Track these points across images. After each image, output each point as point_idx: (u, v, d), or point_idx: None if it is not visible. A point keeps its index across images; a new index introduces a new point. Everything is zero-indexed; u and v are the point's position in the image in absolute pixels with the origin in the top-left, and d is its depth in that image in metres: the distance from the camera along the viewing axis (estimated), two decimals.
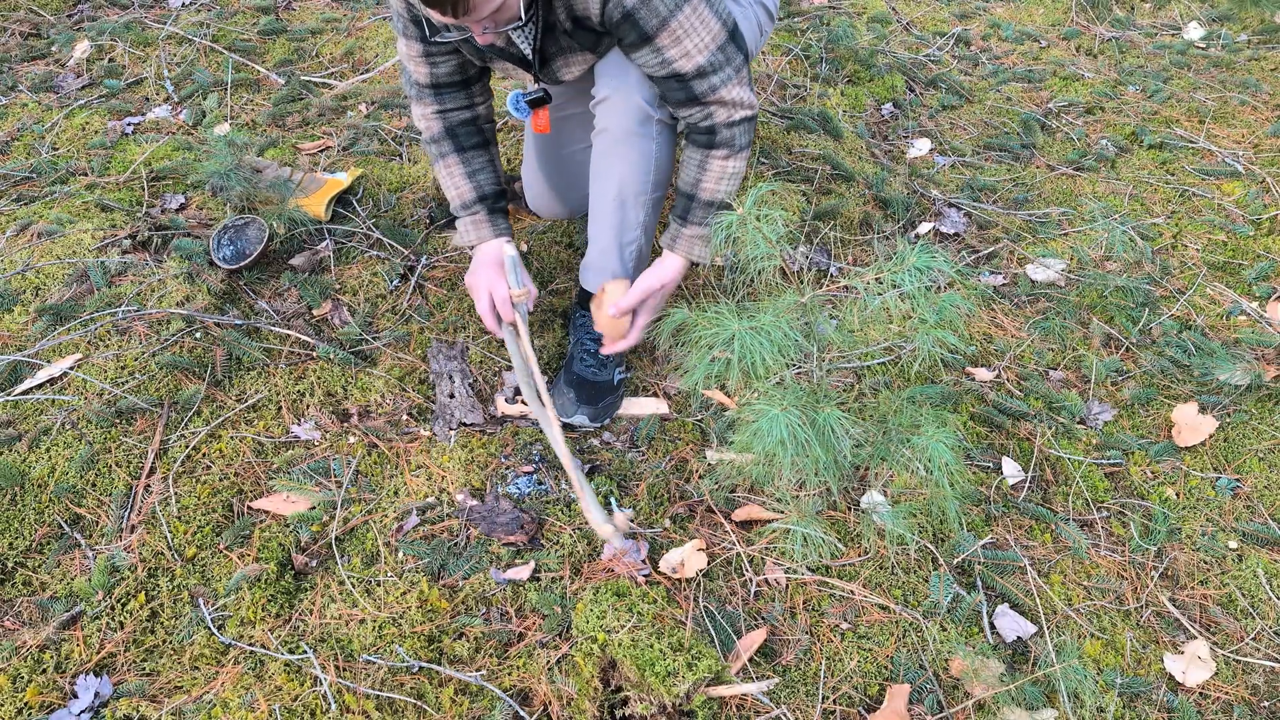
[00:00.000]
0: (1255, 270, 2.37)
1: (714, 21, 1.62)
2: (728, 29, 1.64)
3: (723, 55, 1.64)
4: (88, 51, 2.96)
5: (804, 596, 1.66)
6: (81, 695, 1.49)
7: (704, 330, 1.38)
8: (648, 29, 1.59)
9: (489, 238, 1.89)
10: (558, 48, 1.74)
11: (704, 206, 1.78)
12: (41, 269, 2.06)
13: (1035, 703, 1.52)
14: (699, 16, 1.60)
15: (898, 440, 1.56)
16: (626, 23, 1.59)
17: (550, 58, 1.77)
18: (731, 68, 1.66)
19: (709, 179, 1.75)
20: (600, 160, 1.83)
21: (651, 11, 1.57)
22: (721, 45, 1.63)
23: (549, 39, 1.72)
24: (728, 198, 1.77)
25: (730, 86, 1.66)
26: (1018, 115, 3.00)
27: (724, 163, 1.74)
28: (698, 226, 1.80)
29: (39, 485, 1.72)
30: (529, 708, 1.48)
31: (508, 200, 1.97)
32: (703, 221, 1.79)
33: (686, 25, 1.59)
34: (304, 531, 1.71)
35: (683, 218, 1.80)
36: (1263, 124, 2.90)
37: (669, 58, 1.62)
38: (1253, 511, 1.85)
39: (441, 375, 1.98)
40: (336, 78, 2.95)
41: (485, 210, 1.90)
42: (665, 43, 1.61)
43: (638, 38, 1.61)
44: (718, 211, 1.77)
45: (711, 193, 1.76)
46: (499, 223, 1.91)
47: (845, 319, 2.00)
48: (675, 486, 1.84)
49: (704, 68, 1.63)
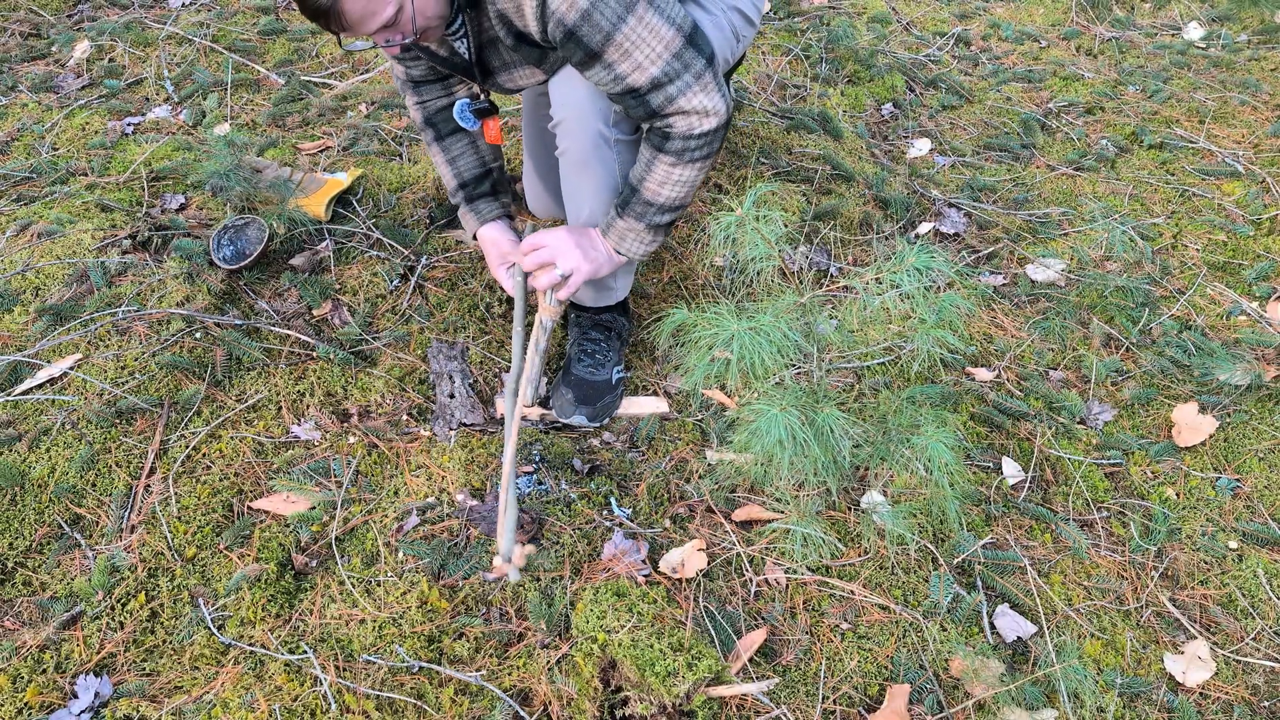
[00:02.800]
0: (1255, 270, 2.37)
1: (664, 28, 1.51)
2: (683, 34, 1.53)
3: (679, 63, 1.53)
4: (88, 51, 2.96)
5: (804, 596, 1.66)
6: (81, 695, 1.49)
7: (704, 330, 1.38)
8: (593, 45, 1.50)
9: (475, 227, 1.93)
10: (501, 61, 1.70)
11: (643, 204, 1.68)
12: (41, 269, 2.06)
13: (1035, 703, 1.52)
14: (645, 25, 1.50)
15: (898, 440, 1.56)
16: (571, 41, 1.51)
17: (494, 70, 1.73)
18: (690, 74, 1.54)
19: (652, 180, 1.65)
20: (566, 183, 1.80)
21: (594, 27, 1.48)
22: (677, 52, 1.52)
23: (491, 51, 1.68)
24: (672, 202, 1.67)
25: (690, 95, 1.55)
26: (1018, 115, 3.00)
27: (669, 169, 1.63)
28: (635, 220, 1.70)
29: (39, 485, 1.72)
30: (529, 708, 1.48)
31: (495, 179, 1.96)
32: (641, 217, 1.69)
33: (633, 37, 1.50)
34: (304, 531, 1.71)
35: (620, 208, 1.71)
36: (1263, 124, 2.90)
37: (620, 73, 1.53)
38: (1253, 511, 1.85)
39: (441, 375, 1.98)
40: (336, 78, 2.95)
41: (465, 198, 1.93)
42: (614, 58, 1.51)
43: (585, 55, 1.52)
44: (663, 213, 1.69)
45: (654, 193, 1.66)
46: (481, 209, 1.92)
47: (845, 319, 2.00)
48: (675, 486, 1.84)
49: (658, 79, 1.53)
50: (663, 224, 1.71)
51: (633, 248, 1.74)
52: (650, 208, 1.68)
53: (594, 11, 1.47)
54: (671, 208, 1.68)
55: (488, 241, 1.92)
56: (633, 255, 1.75)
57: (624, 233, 1.72)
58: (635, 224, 1.70)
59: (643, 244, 1.73)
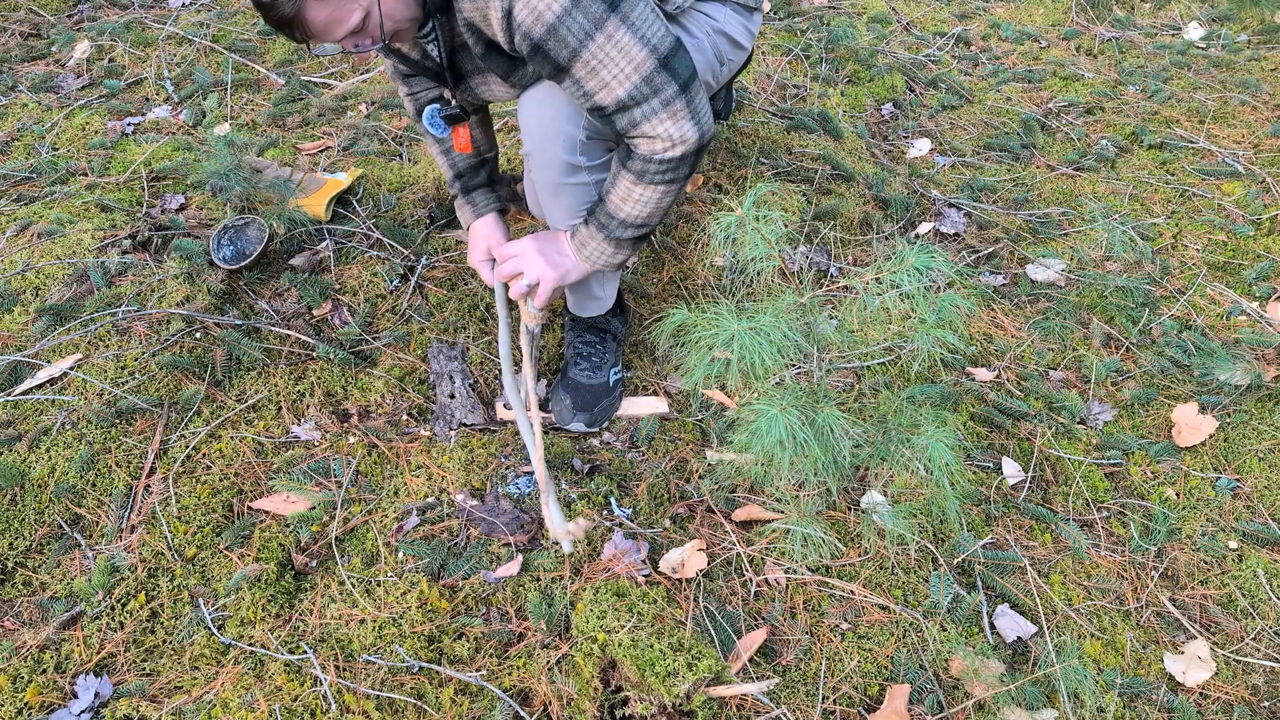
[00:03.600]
0: (1255, 270, 2.37)
1: (636, 48, 1.43)
2: (657, 56, 1.44)
3: (648, 87, 1.45)
4: (88, 52, 2.96)
5: (804, 596, 1.66)
6: (81, 695, 1.49)
7: (704, 331, 1.37)
8: (559, 60, 1.44)
9: (470, 220, 1.93)
10: (473, 67, 1.67)
11: (606, 215, 1.63)
12: (41, 269, 2.06)
13: (1035, 703, 1.52)
14: (615, 44, 1.42)
15: (898, 440, 1.56)
16: (538, 55, 1.45)
17: (466, 75, 1.70)
18: (658, 100, 1.46)
19: (615, 194, 1.61)
20: (543, 206, 1.78)
21: (560, 42, 1.42)
22: (647, 76, 1.45)
23: (463, 56, 1.65)
24: (634, 219, 1.62)
25: (656, 121, 1.48)
26: (1018, 115, 3.00)
27: (631, 186, 1.57)
28: (596, 230, 1.66)
29: (39, 485, 1.72)
30: (529, 708, 1.48)
31: (489, 169, 1.95)
32: (602, 228, 1.65)
33: (601, 55, 1.43)
34: (304, 531, 1.71)
35: (588, 214, 1.68)
36: (1263, 124, 2.90)
37: (588, 90, 1.48)
38: (1253, 511, 1.85)
39: (441, 375, 1.98)
40: (336, 78, 2.95)
41: (460, 189, 1.92)
42: (581, 74, 1.46)
43: (553, 69, 1.47)
44: (625, 228, 1.63)
45: (615, 207, 1.61)
46: (477, 200, 1.92)
47: (845, 319, 2.00)
48: (675, 486, 1.84)
49: (624, 101, 1.47)
50: (625, 239, 1.65)
51: (594, 256, 1.69)
52: (612, 220, 1.63)
53: (560, 26, 1.41)
54: (633, 224, 1.63)
55: (477, 235, 1.91)
56: (596, 264, 1.70)
57: (585, 240, 1.68)
58: (596, 234, 1.66)
59: (604, 255, 1.68)
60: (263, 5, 1.38)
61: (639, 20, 1.43)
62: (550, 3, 1.39)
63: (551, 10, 1.39)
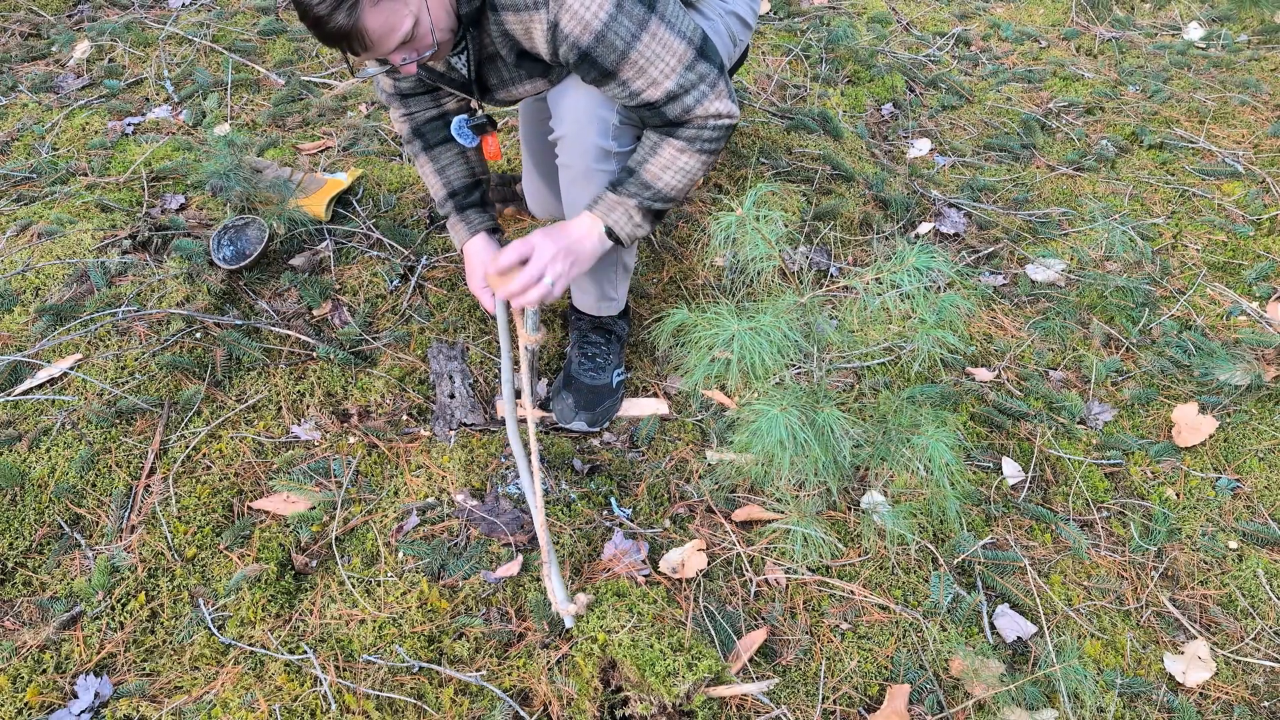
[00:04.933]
0: (1255, 270, 2.37)
1: (677, 42, 1.52)
2: (694, 46, 1.54)
3: (693, 74, 1.54)
4: (88, 52, 2.96)
5: (804, 597, 1.66)
6: (81, 695, 1.49)
7: (704, 331, 1.37)
8: (607, 65, 1.51)
9: (466, 238, 1.88)
10: (499, 78, 1.69)
11: (641, 184, 1.64)
12: (41, 269, 2.06)
13: (1035, 703, 1.52)
14: (659, 41, 1.50)
15: (898, 440, 1.56)
16: (585, 62, 1.51)
17: (492, 86, 1.72)
18: (706, 84, 1.55)
19: (655, 163, 1.62)
20: (567, 193, 1.78)
21: (609, 48, 1.48)
22: (690, 64, 1.53)
23: (489, 68, 1.67)
24: (669, 190, 1.64)
25: (707, 103, 1.57)
26: (1018, 115, 3.00)
27: (677, 154, 1.61)
28: (627, 198, 1.65)
29: (39, 485, 1.72)
30: (529, 708, 1.48)
31: (484, 189, 1.93)
32: (634, 195, 1.64)
33: (648, 54, 1.50)
34: (304, 531, 1.71)
35: (614, 185, 1.66)
36: (1263, 124, 2.90)
37: (636, 89, 1.54)
38: (1253, 511, 1.85)
39: (441, 375, 1.98)
40: (336, 78, 2.95)
41: (454, 207, 1.89)
42: (629, 75, 1.52)
43: (599, 74, 1.53)
44: (657, 200, 1.65)
45: (654, 176, 1.63)
46: (472, 219, 1.89)
47: (845, 319, 2.00)
48: (675, 486, 1.84)
49: (674, 92, 1.54)
50: (653, 209, 1.67)
51: (619, 221, 1.66)
52: (647, 190, 1.64)
53: (608, 32, 1.47)
54: (666, 196, 1.65)
55: (473, 257, 1.85)
56: (617, 229, 1.67)
57: (614, 205, 1.66)
58: (627, 201, 1.65)
59: (630, 221, 1.67)
60: (318, 19, 1.35)
61: (673, 16, 1.52)
62: (597, 11, 1.46)
63: (599, 19, 1.46)
